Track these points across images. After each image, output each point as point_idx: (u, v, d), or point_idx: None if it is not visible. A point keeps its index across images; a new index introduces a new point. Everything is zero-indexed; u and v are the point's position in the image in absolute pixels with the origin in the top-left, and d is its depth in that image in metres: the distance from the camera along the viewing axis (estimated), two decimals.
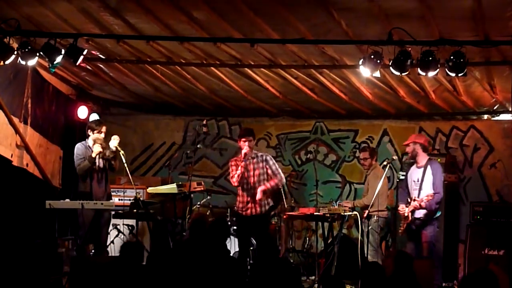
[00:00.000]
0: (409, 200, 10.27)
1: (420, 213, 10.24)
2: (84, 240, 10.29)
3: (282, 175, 10.36)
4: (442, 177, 10.67)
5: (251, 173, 10.21)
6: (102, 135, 10.60)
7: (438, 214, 10.43)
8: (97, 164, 10.50)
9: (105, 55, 10.70)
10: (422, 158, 10.49)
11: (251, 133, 10.39)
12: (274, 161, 10.36)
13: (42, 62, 9.74)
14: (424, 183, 10.31)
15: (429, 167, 10.38)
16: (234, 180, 10.22)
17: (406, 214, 10.25)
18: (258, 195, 10.10)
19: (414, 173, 10.52)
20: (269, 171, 10.24)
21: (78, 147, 10.59)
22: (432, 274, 9.87)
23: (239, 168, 10.13)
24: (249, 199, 10.21)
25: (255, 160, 10.23)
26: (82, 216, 10.17)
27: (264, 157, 10.29)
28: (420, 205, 10.11)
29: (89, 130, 10.64)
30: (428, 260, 10.29)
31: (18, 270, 8.38)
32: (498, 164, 12.29)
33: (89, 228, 10.25)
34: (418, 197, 10.23)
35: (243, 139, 10.19)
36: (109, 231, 10.95)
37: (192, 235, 8.36)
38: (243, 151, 10.12)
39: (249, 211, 10.22)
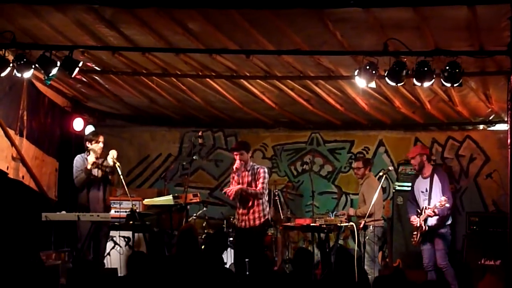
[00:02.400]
0: (419, 211, 10.25)
1: (432, 221, 10.17)
2: (82, 252, 10.25)
3: (265, 191, 10.30)
4: (449, 183, 10.65)
5: (244, 185, 10.25)
6: (101, 145, 10.57)
7: (449, 221, 10.35)
8: (95, 174, 10.46)
9: (101, 67, 10.69)
10: (428, 168, 10.47)
11: (242, 147, 10.43)
12: (266, 175, 10.33)
13: (38, 74, 9.72)
14: (433, 192, 10.26)
15: (435, 175, 10.33)
16: None
17: (418, 224, 10.23)
18: (232, 190, 10.18)
19: (421, 184, 10.46)
20: (257, 183, 10.30)
21: (77, 160, 10.56)
22: None
23: (233, 182, 10.32)
24: (244, 211, 10.28)
25: (249, 172, 10.27)
26: (80, 229, 10.20)
27: (257, 170, 10.32)
28: (434, 211, 10.05)
29: (87, 142, 10.61)
30: (422, 271, 10.30)
31: (14, 283, 8.32)
32: (494, 174, 12.26)
33: (87, 240, 10.22)
34: (429, 206, 10.20)
35: (234, 153, 10.31)
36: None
37: (179, 247, 8.26)
38: (234, 166, 10.25)
39: (243, 223, 10.31)
